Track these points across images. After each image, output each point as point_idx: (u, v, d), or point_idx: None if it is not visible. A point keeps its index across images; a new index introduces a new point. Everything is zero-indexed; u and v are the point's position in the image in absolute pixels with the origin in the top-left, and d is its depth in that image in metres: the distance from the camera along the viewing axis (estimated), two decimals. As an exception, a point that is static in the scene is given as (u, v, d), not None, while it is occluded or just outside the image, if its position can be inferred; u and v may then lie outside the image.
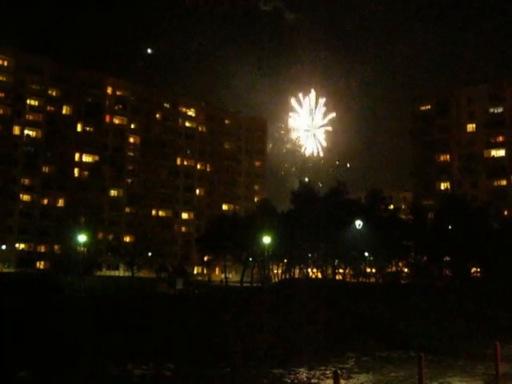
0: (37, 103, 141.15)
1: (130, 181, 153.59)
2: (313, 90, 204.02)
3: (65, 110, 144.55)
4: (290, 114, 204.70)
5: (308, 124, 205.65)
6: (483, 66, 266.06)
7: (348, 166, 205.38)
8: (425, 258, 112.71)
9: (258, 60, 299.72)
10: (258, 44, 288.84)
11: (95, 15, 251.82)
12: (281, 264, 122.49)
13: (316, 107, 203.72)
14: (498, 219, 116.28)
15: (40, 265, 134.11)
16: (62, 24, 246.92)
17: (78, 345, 27.36)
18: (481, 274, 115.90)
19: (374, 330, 37.16)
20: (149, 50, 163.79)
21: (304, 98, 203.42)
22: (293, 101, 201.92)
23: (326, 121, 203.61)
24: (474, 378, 23.57)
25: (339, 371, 16.90)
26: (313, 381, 22.56)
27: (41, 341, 27.94)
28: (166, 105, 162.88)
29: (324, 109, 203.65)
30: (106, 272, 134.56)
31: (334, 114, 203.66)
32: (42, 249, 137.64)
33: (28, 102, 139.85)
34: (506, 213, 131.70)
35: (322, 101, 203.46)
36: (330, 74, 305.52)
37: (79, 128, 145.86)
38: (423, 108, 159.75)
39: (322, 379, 22.82)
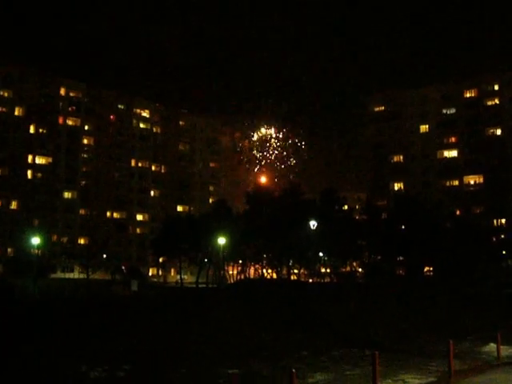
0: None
1: (84, 182, 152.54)
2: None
3: (17, 112, 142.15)
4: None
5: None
6: (435, 68, 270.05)
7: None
8: (378, 257, 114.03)
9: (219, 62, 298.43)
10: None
11: (47, 14, 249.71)
12: (236, 265, 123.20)
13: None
14: (451, 219, 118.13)
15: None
16: (13, 24, 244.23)
17: (31, 348, 26.54)
18: (433, 273, 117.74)
19: (329, 328, 37.39)
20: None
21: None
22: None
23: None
24: (427, 374, 23.95)
25: (294, 370, 16.32)
26: (267, 381, 22.65)
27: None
28: (120, 106, 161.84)
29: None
30: (60, 274, 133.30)
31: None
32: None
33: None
34: (458, 212, 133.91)
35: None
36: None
37: (32, 129, 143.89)
38: (377, 109, 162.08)
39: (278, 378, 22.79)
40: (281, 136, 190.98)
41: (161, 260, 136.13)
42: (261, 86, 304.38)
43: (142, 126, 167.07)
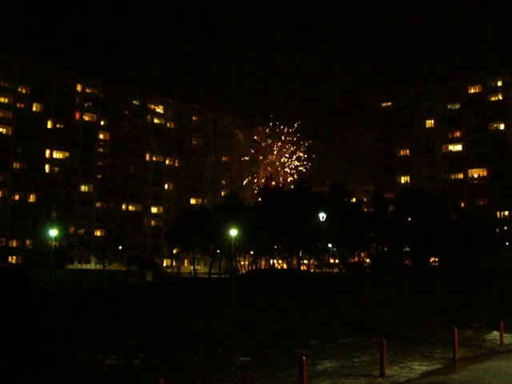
0: (6, 100, 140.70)
1: (100, 176, 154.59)
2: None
3: (35, 107, 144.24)
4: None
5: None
6: (440, 65, 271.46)
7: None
8: (386, 248, 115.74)
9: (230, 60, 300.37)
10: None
11: (64, 12, 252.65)
12: (247, 256, 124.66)
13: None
14: (455, 211, 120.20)
15: (12, 259, 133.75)
16: (31, 21, 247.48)
17: (48, 337, 26.96)
18: (439, 263, 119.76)
19: (337, 317, 37.86)
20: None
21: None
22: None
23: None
24: (433, 361, 24.37)
25: (304, 358, 17.28)
26: (278, 368, 22.91)
27: (10, 333, 27.42)
28: (134, 102, 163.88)
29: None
30: (77, 265, 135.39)
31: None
32: (14, 243, 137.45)
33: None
34: (462, 204, 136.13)
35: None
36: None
37: (49, 125, 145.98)
38: (384, 105, 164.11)
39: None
40: (291, 130, 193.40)
41: (174, 251, 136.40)
42: (270, 82, 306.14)
43: (156, 121, 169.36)
